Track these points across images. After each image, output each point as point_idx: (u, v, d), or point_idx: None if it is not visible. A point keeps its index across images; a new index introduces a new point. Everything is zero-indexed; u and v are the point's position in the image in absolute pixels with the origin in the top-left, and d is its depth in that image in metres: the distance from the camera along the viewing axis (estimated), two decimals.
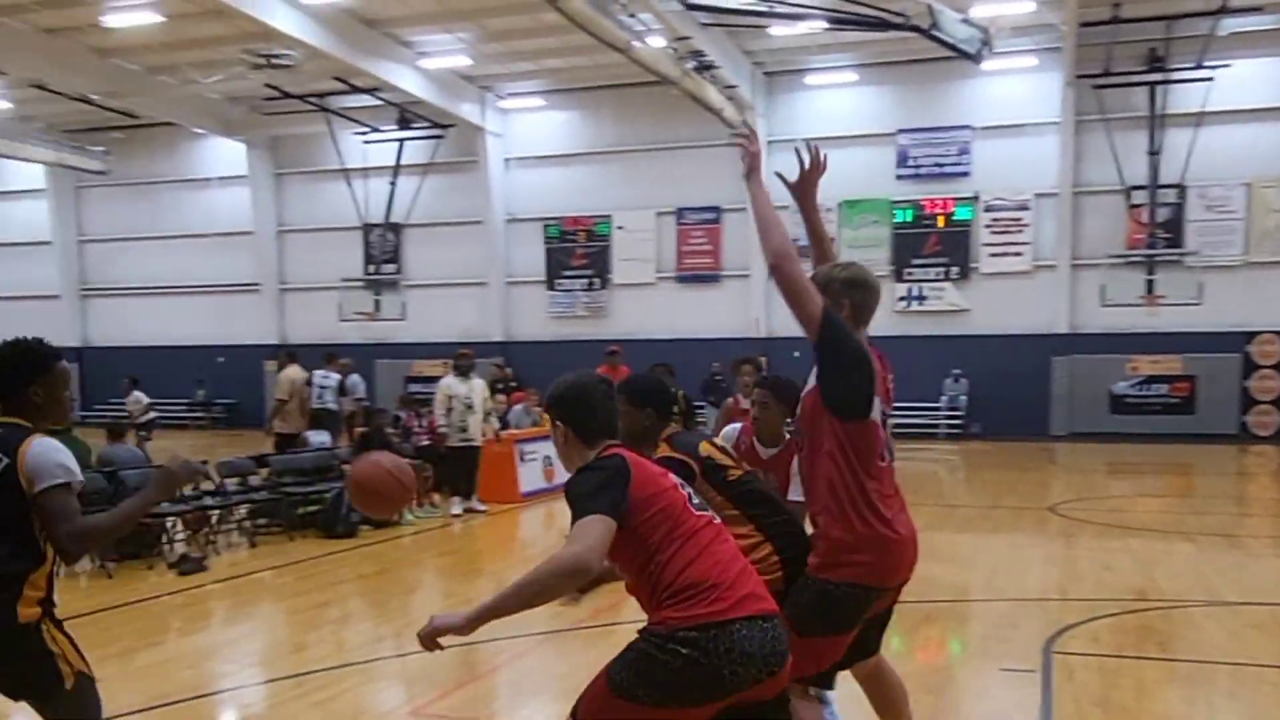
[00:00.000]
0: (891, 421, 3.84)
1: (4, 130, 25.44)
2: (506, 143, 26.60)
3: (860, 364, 3.58)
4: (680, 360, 22.88)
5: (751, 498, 3.85)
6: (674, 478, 3.17)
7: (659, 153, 25.47)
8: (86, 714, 3.45)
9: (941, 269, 24.12)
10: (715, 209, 25.47)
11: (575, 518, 2.89)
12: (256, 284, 28.62)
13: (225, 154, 28.55)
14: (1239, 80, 21.39)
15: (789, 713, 3.13)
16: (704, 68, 21.11)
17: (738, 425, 4.93)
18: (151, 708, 5.42)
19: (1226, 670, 5.93)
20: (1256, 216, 22.30)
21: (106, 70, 23.08)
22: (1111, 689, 5.46)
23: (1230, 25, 20.49)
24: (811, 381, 3.71)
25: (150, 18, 20.22)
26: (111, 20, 20.34)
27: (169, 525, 10.07)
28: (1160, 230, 22.34)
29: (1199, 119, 21.31)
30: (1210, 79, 20.94)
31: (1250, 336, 22.17)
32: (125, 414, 19.30)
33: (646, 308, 25.83)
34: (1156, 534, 9.95)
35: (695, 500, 3.14)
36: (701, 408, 20.88)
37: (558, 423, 3.22)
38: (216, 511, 10.51)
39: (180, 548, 9.93)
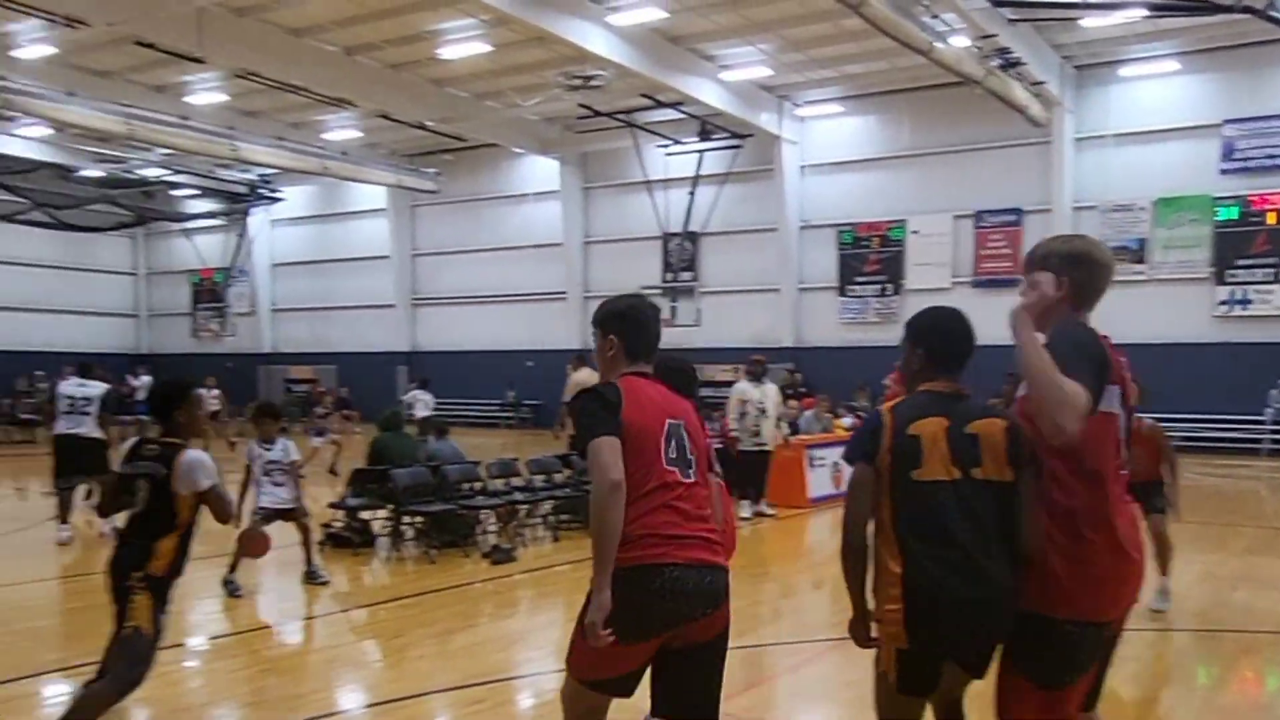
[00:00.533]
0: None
1: (354, 156, 28.83)
2: (802, 150, 27.07)
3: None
4: (980, 368, 22.71)
5: None
6: (666, 424, 3.46)
7: (956, 155, 25.08)
8: (126, 656, 4.41)
9: (1271, 270, 22.21)
10: (1016, 210, 24.73)
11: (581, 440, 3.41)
12: (564, 292, 30.62)
13: (540, 171, 30.81)
14: None
15: (723, 657, 3.46)
16: (1009, 65, 20.63)
17: None
18: (465, 686, 5.95)
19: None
20: None
21: (441, 98, 25.63)
22: None
23: None
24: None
25: (480, 48, 22.29)
26: (446, 52, 22.62)
27: (482, 517, 10.79)
28: None
29: None
30: None
31: None
32: (409, 410, 19.65)
33: None
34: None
35: (674, 453, 3.43)
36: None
37: (610, 336, 3.59)
38: (524, 506, 11.17)
39: (492, 539, 10.62)
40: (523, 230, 31.60)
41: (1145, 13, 18.16)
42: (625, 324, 3.58)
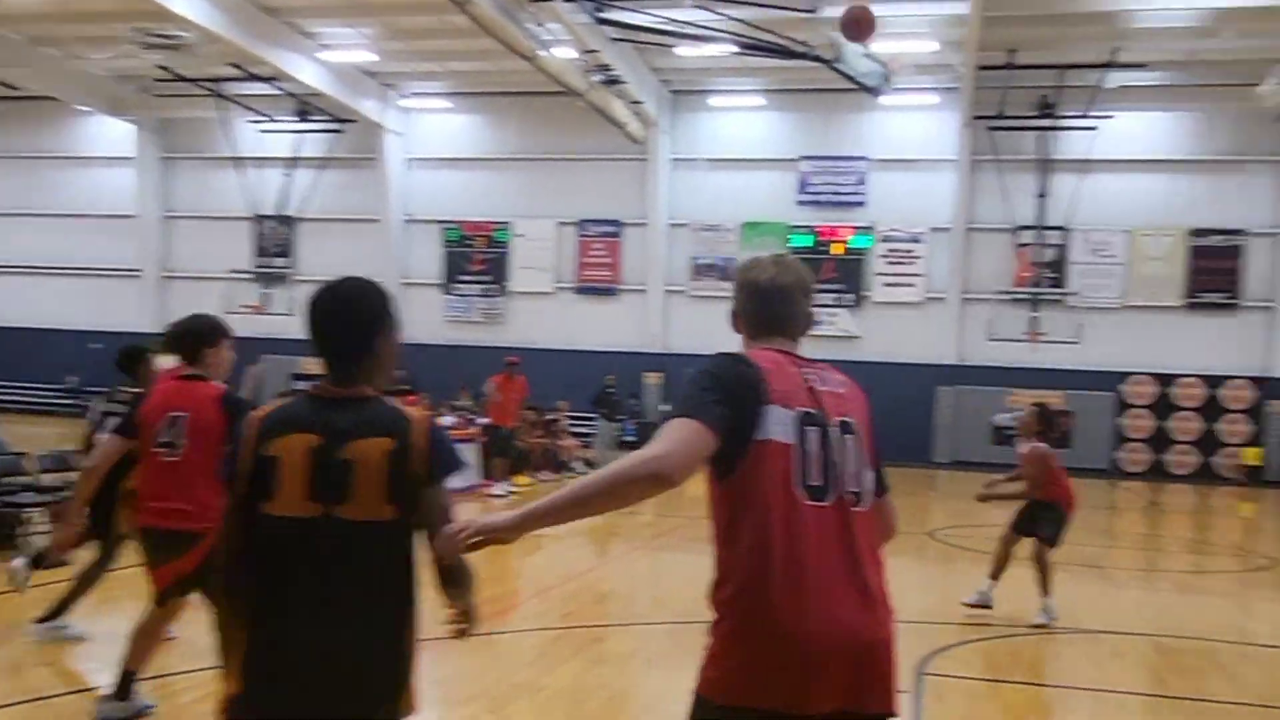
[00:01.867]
0: None
1: None
2: (407, 142, 26.12)
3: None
4: (575, 372, 23.22)
5: None
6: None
7: (562, 163, 25.34)
8: None
9: (836, 295, 24.49)
10: (616, 222, 25.43)
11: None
12: (138, 270, 27.51)
13: (111, 133, 27.38)
14: (1123, 132, 22.28)
15: None
16: (611, 82, 21.04)
17: None
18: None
19: (1088, 696, 6.06)
20: (1135, 263, 23.20)
21: None
22: (977, 712, 5.61)
23: (1116, 79, 21.28)
24: None
25: None
26: None
27: (27, 516, 9.36)
28: (1045, 270, 23.08)
29: (1084, 166, 22.12)
30: (1095, 129, 21.74)
31: (1124, 377, 23.02)
32: None
33: (544, 317, 25.64)
34: (1029, 563, 10.08)
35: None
36: (592, 418, 20.87)
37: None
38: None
39: (43, 540, 9.22)
40: (90, 198, 27.95)
41: (733, 49, 19.14)
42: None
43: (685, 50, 20.92)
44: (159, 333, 5.61)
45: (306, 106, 24.74)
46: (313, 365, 2.82)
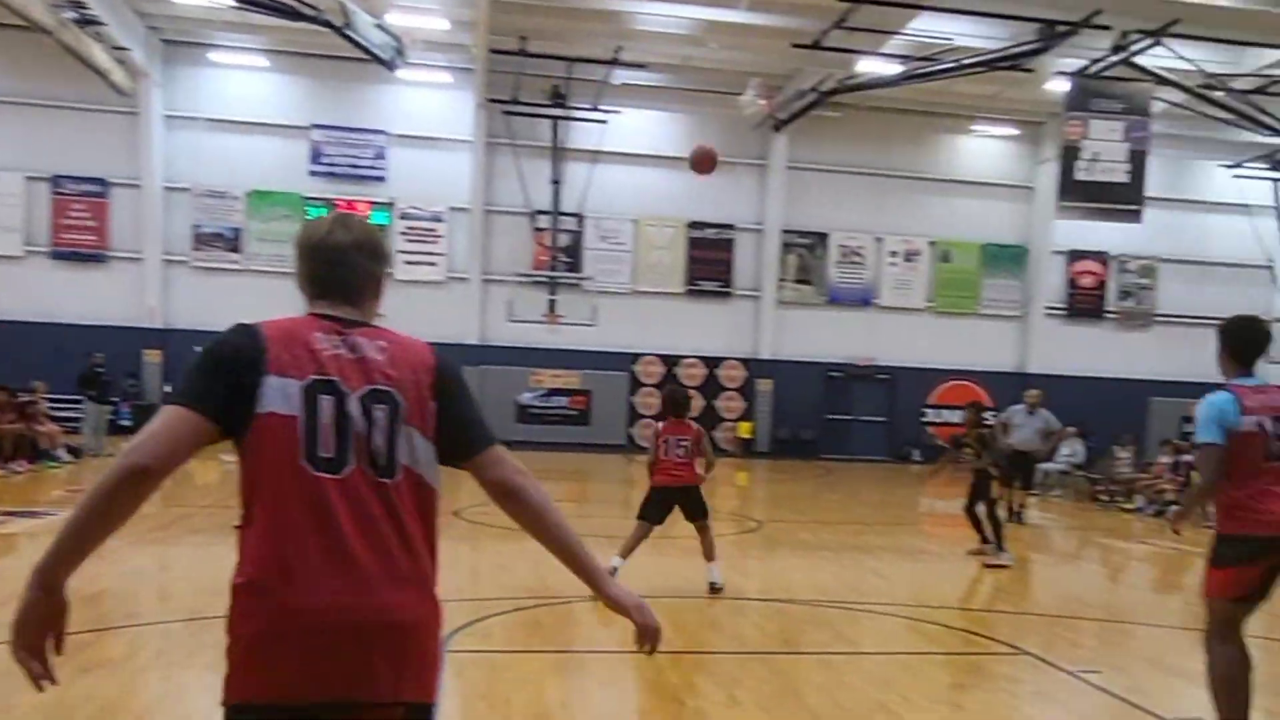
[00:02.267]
0: None
1: None
2: None
3: None
4: (54, 348, 20.15)
5: None
6: None
7: (30, 108, 21.83)
8: None
9: None
10: (101, 181, 22.43)
11: None
12: None
13: None
14: (629, 127, 23.58)
15: None
16: (87, 22, 18.33)
17: None
18: None
19: (603, 658, 6.33)
20: (642, 250, 24.72)
21: None
22: (497, 682, 5.67)
23: (621, 77, 22.42)
24: None
25: None
26: None
27: None
28: (561, 255, 23.83)
29: (595, 157, 23.07)
30: (604, 122, 22.76)
31: (636, 357, 24.52)
32: None
33: (12, 285, 22.00)
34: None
35: None
36: (79, 403, 18.21)
37: None
38: None
39: None
40: None
41: (232, 1, 17.45)
42: None
43: None
44: None
45: None
46: None
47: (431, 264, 23.89)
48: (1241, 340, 4.71)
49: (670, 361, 24.76)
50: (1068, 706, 5.87)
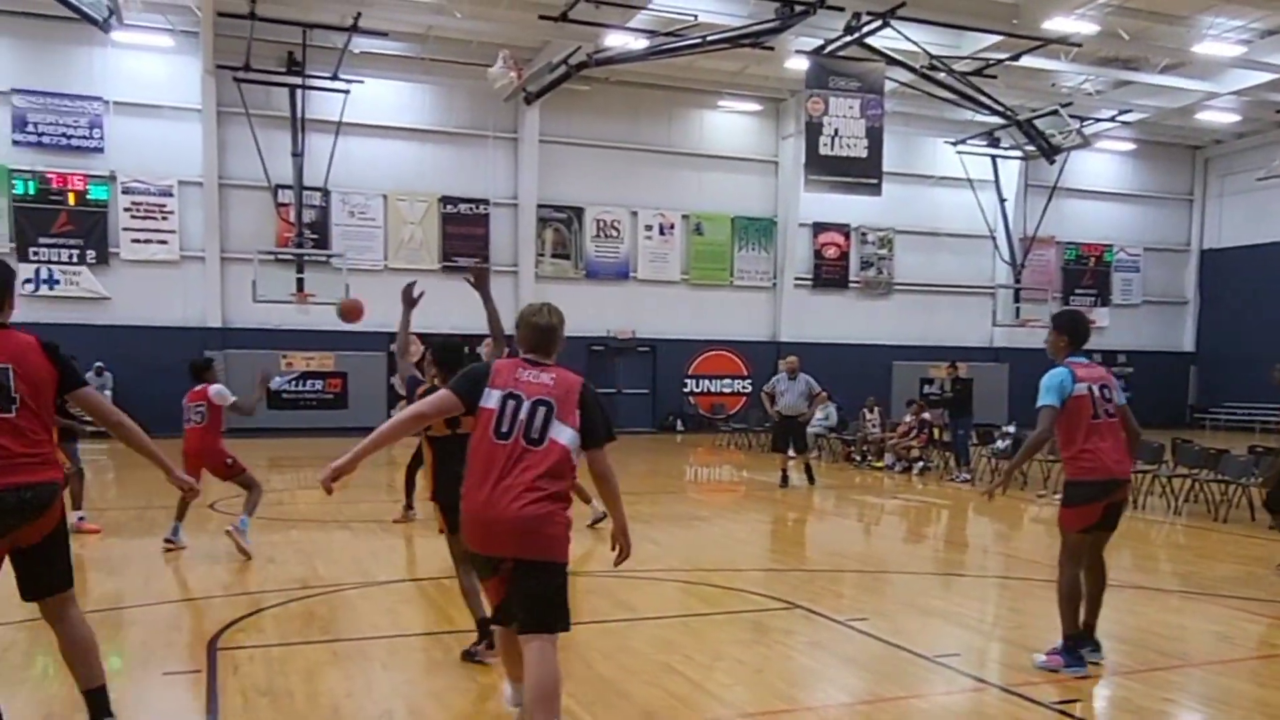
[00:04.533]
0: None
1: None
2: None
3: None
4: None
5: None
6: None
7: None
8: None
9: (76, 251, 21.52)
10: None
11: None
12: None
13: None
14: (374, 98, 22.71)
15: None
16: None
17: None
18: None
19: (383, 644, 6.27)
20: (394, 226, 23.92)
21: None
22: (278, 676, 5.56)
23: (363, 45, 21.49)
24: None
25: None
26: None
27: None
28: (308, 231, 22.62)
29: (339, 128, 21.90)
30: (347, 91, 21.52)
31: (392, 337, 23.63)
32: None
33: None
34: (316, 524, 10.15)
35: None
36: None
37: None
38: None
39: None
40: None
41: None
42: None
43: None
44: None
45: None
46: None
47: (162, 242, 22.21)
48: (1075, 330, 5.88)
49: (429, 340, 24.10)
50: (840, 654, 6.15)
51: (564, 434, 4.06)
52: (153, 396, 21.60)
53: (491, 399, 4.09)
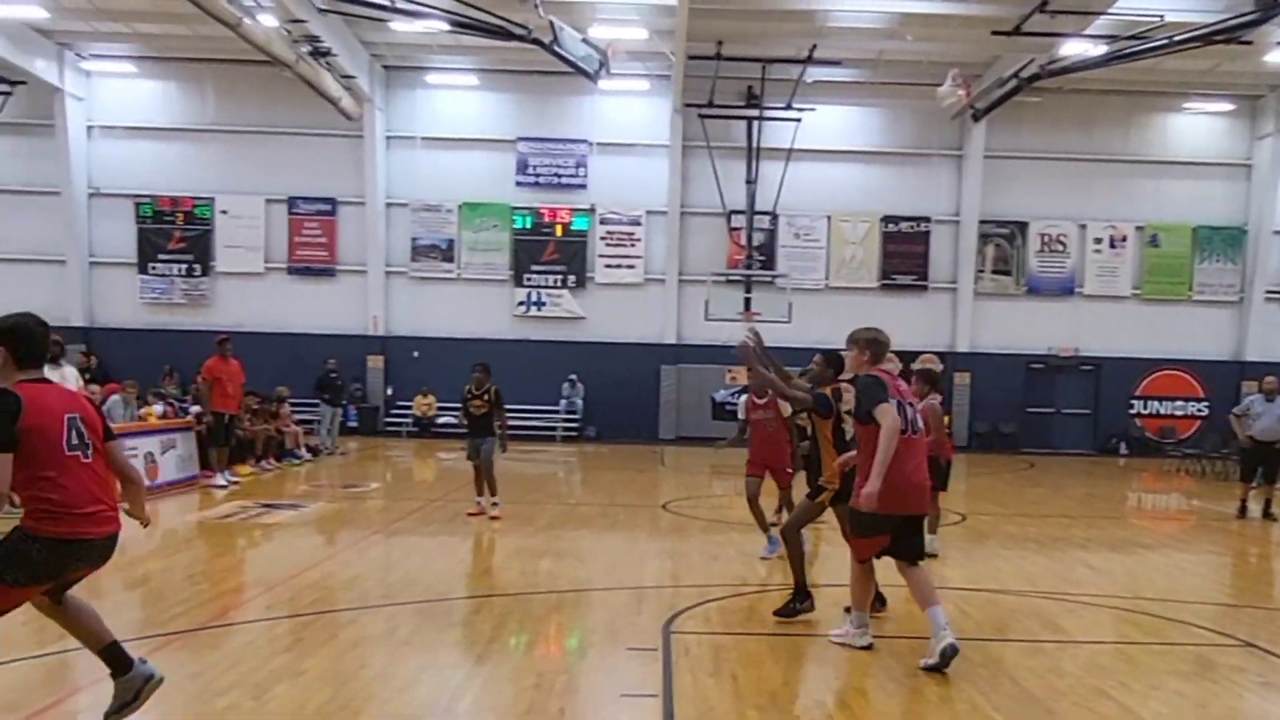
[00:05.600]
0: None
1: None
2: (89, 108, 23.87)
3: None
4: (289, 356, 22.11)
5: None
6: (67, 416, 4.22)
7: (270, 136, 24.00)
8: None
9: (559, 276, 24.65)
10: (330, 201, 24.37)
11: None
12: None
13: None
14: (822, 124, 23.67)
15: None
16: (320, 54, 20.06)
17: None
18: None
19: (817, 641, 6.75)
20: (835, 246, 24.77)
21: None
22: (722, 661, 6.13)
23: (815, 74, 22.57)
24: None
25: None
26: None
27: None
28: (756, 253, 24.16)
29: (789, 155, 23.24)
30: (799, 120, 22.91)
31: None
32: None
33: (255, 299, 24.25)
34: (752, 528, 10.40)
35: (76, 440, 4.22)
36: (315, 405, 19.99)
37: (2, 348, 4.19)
38: None
39: None
40: None
41: (446, 26, 18.69)
42: (15, 338, 4.24)
43: (399, 25, 20.24)
44: None
45: None
46: None
47: (630, 266, 24.72)
48: None
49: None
50: None
51: (920, 424, 6.39)
52: (616, 404, 24.40)
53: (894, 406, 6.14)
